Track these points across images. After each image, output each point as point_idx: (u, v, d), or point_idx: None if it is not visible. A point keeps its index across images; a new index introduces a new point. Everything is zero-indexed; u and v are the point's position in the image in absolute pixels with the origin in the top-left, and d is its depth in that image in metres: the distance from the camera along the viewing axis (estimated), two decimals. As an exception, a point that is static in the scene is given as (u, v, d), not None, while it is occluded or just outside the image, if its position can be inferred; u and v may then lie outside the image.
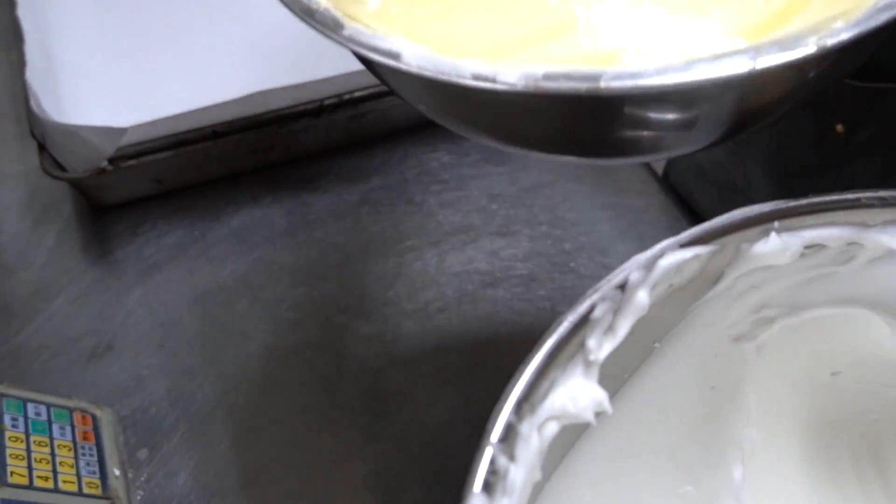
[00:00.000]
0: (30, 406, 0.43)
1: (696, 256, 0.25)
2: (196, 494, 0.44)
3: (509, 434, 0.21)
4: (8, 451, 0.40)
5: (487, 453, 0.21)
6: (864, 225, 0.27)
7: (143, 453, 0.46)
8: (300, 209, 0.57)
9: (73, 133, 0.51)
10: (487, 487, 0.20)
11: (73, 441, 0.44)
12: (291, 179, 0.59)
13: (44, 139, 0.52)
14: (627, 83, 0.22)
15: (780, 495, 0.33)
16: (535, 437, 0.22)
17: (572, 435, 0.27)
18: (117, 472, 0.44)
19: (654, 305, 0.26)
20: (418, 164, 0.60)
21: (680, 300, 0.27)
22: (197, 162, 0.56)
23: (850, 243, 0.27)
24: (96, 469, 0.43)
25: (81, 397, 0.46)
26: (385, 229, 0.56)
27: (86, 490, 0.42)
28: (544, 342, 0.23)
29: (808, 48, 0.21)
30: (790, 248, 0.26)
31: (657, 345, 0.28)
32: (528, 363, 0.23)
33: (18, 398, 0.43)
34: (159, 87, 0.55)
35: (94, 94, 0.55)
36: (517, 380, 0.22)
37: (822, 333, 0.30)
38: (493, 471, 0.21)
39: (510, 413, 0.21)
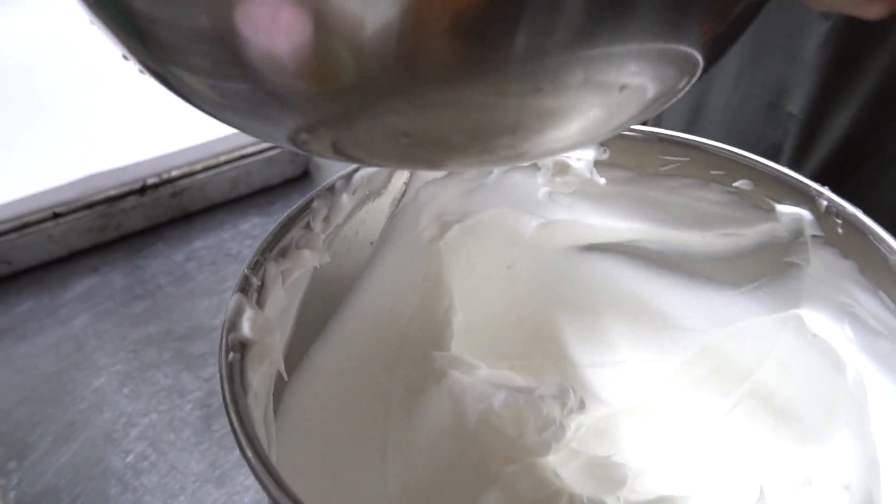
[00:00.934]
0: None
1: (381, 171, 0.39)
2: (63, 484, 0.53)
3: (258, 266, 0.34)
4: None
5: (244, 274, 0.33)
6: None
7: (12, 464, 0.54)
8: (135, 272, 0.69)
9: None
10: (244, 291, 0.33)
11: (-50, 456, 0.52)
12: (126, 251, 0.70)
13: None
14: None
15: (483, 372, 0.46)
16: (277, 272, 0.34)
17: (327, 298, 0.39)
18: (-9, 478, 0.52)
19: (359, 208, 0.39)
20: (233, 227, 0.73)
21: (381, 207, 0.41)
22: (41, 242, 0.67)
23: (486, 161, 0.42)
24: (-28, 476, 0.52)
25: (-46, 428, 0.54)
26: (208, 276, 0.68)
27: (-36, 490, 0.50)
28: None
29: None
30: (443, 165, 0.40)
31: (372, 243, 0.42)
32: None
33: None
34: (2, 174, 0.66)
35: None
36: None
37: (489, 233, 0.44)
38: (248, 284, 0.33)
39: (259, 254, 0.34)
